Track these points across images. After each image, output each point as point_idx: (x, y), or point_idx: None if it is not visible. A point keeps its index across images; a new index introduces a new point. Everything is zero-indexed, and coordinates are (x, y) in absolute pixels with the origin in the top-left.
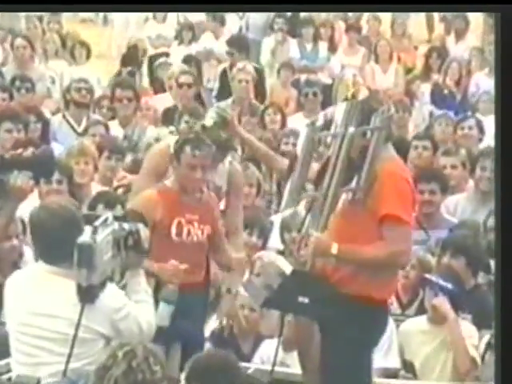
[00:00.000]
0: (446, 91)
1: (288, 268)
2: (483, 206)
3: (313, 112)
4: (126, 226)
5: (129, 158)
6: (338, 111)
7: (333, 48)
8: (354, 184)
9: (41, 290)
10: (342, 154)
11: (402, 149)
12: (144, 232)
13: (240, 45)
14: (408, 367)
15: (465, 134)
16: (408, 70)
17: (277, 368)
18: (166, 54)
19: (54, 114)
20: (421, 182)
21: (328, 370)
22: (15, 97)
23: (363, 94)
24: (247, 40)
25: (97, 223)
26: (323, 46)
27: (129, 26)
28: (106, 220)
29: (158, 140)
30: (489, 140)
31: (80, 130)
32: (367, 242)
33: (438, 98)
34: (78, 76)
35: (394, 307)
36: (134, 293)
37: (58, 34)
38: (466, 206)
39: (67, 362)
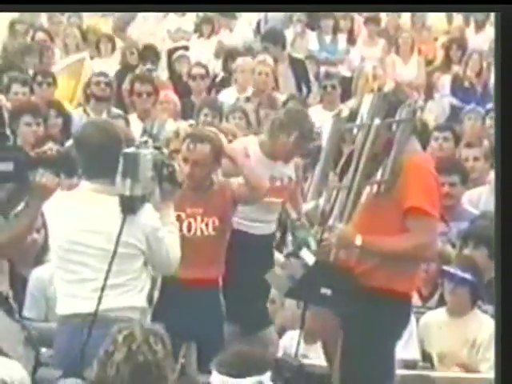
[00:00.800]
0: (466, 83)
1: (311, 259)
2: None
3: (332, 104)
4: (164, 152)
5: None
6: (364, 103)
7: (352, 40)
8: (378, 176)
9: (84, 208)
10: (367, 146)
11: (424, 139)
12: (178, 166)
13: (275, 38)
14: (426, 358)
15: (492, 125)
16: (428, 62)
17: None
18: (185, 48)
19: (75, 107)
20: (441, 174)
21: (350, 363)
22: (36, 91)
23: (389, 86)
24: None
25: (138, 142)
26: (342, 38)
27: (148, 19)
28: (146, 142)
29: (177, 133)
30: None
31: None
32: (391, 234)
33: (459, 89)
34: (99, 70)
35: (415, 299)
36: (164, 224)
37: (78, 28)
38: (489, 197)
39: (106, 277)
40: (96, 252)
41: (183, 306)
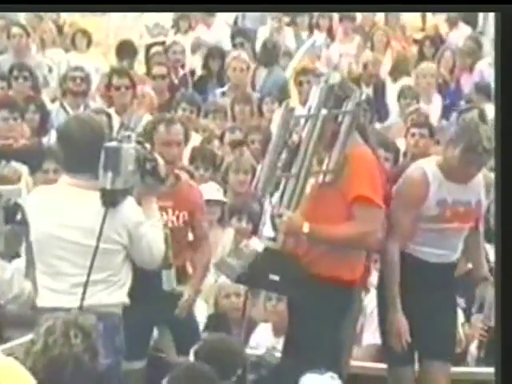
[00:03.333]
0: (440, 80)
1: (260, 246)
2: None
3: (307, 100)
4: (146, 146)
5: None
6: (313, 94)
7: (330, 37)
8: (324, 166)
9: (64, 203)
10: (314, 136)
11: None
12: (161, 161)
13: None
14: None
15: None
16: (402, 59)
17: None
18: (163, 43)
19: (52, 102)
20: None
21: (294, 347)
22: (13, 86)
23: (336, 78)
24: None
25: (120, 137)
26: (319, 35)
27: (126, 14)
28: (129, 137)
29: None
30: None
31: None
32: (338, 223)
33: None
34: (75, 64)
35: None
36: (148, 218)
37: (54, 22)
38: None
39: (89, 273)
40: (76, 247)
41: (156, 291)
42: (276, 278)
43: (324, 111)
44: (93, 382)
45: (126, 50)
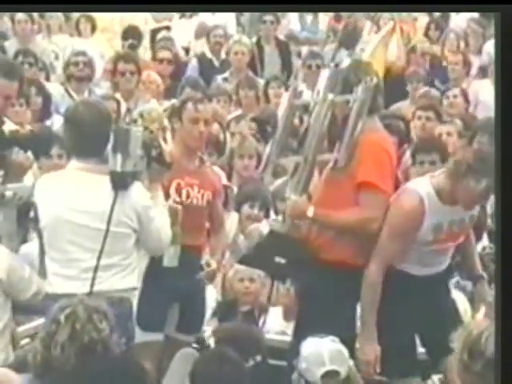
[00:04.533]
0: (444, 63)
1: (266, 228)
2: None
3: (315, 84)
4: (153, 132)
5: None
6: (321, 78)
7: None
8: (335, 152)
9: (74, 188)
10: (322, 120)
11: None
12: (166, 147)
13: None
14: None
15: (450, 102)
16: (408, 41)
17: (278, 337)
18: (167, 28)
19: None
20: (421, 153)
21: (306, 331)
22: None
23: (345, 62)
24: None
25: (128, 120)
26: (323, 18)
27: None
28: (136, 121)
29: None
30: (481, 112)
31: None
32: (347, 208)
33: (437, 69)
34: (78, 49)
35: None
36: (154, 204)
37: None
38: None
39: (99, 257)
40: (87, 231)
41: (170, 270)
42: (282, 260)
43: (331, 96)
44: (112, 367)
45: (131, 35)
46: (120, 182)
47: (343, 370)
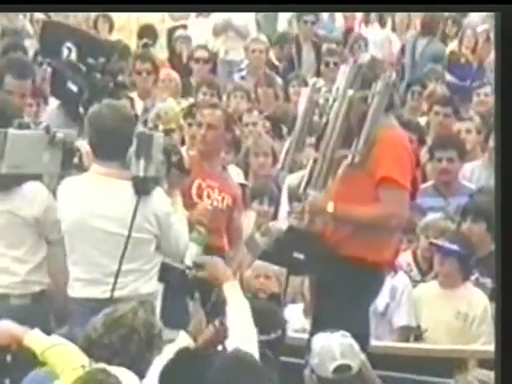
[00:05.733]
0: (462, 60)
1: (285, 224)
2: None
3: (334, 81)
4: (173, 137)
5: None
6: (341, 74)
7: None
8: (353, 147)
9: (96, 192)
10: (341, 117)
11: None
12: (185, 154)
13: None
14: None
15: (481, 100)
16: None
17: (298, 335)
18: (184, 27)
19: None
20: (439, 149)
21: (324, 327)
22: (37, 72)
23: (365, 58)
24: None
25: (149, 125)
26: (339, 15)
27: None
28: (156, 126)
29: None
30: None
31: None
32: (365, 204)
33: (455, 66)
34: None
35: (414, 273)
36: (174, 210)
37: None
38: (481, 172)
39: (120, 262)
40: (109, 237)
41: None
42: (301, 256)
43: (350, 91)
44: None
45: (146, 34)
46: (142, 188)
47: (355, 364)
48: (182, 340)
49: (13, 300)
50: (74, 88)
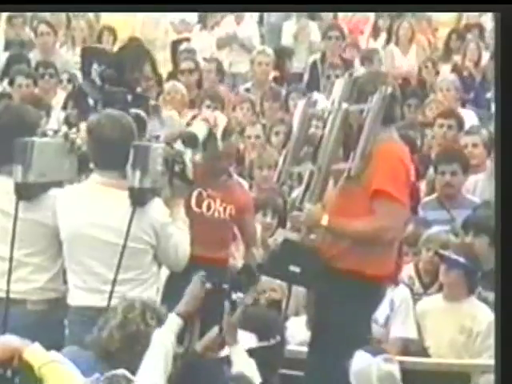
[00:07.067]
0: (465, 73)
1: (280, 237)
2: None
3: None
4: (175, 146)
5: None
6: (336, 87)
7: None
8: (349, 161)
9: (94, 202)
10: (335, 130)
11: None
12: (189, 163)
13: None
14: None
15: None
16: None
17: (302, 348)
18: (187, 40)
19: None
20: (442, 162)
21: (322, 340)
22: (39, 83)
23: (360, 71)
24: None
25: (149, 136)
26: (344, 28)
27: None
28: (157, 137)
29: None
30: None
31: None
32: (361, 217)
33: (458, 79)
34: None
35: (416, 287)
36: (175, 220)
37: (84, 20)
38: (485, 186)
39: (116, 272)
40: (106, 246)
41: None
42: (297, 269)
43: (345, 105)
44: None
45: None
46: (138, 198)
47: None
48: (171, 323)
49: (29, 305)
50: (91, 102)
